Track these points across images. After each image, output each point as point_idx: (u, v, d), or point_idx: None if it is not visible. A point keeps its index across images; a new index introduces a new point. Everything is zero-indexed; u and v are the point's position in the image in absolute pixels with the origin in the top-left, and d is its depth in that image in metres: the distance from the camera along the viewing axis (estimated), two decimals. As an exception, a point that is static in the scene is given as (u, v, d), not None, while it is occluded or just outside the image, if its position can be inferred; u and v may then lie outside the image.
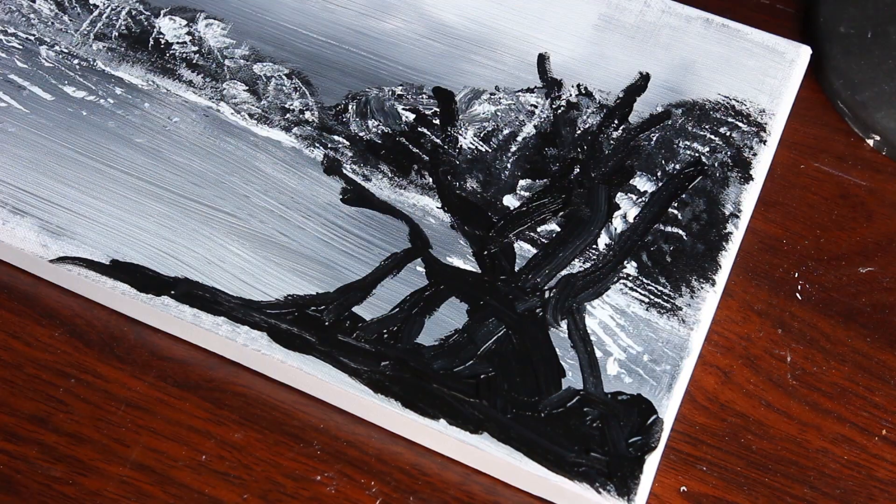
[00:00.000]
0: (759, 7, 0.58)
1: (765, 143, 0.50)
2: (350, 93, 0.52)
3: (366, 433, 0.46)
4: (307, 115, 0.51)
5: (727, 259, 0.47)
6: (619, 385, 0.44)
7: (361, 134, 0.51)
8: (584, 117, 0.51)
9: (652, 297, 0.46)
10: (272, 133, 0.51)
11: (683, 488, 0.45)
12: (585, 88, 0.52)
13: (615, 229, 0.48)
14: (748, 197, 0.49)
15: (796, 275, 0.50)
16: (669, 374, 0.44)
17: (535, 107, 0.51)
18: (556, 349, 0.45)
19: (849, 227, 0.51)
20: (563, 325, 0.46)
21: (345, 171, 0.50)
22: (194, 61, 0.53)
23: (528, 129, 0.51)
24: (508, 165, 0.50)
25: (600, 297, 0.46)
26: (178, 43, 0.53)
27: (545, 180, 0.49)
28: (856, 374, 0.47)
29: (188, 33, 0.54)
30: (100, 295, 0.48)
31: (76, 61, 0.53)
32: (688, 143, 0.50)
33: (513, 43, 0.53)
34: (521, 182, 0.49)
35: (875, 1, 0.56)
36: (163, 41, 0.53)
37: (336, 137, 0.51)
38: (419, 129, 0.51)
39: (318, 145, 0.50)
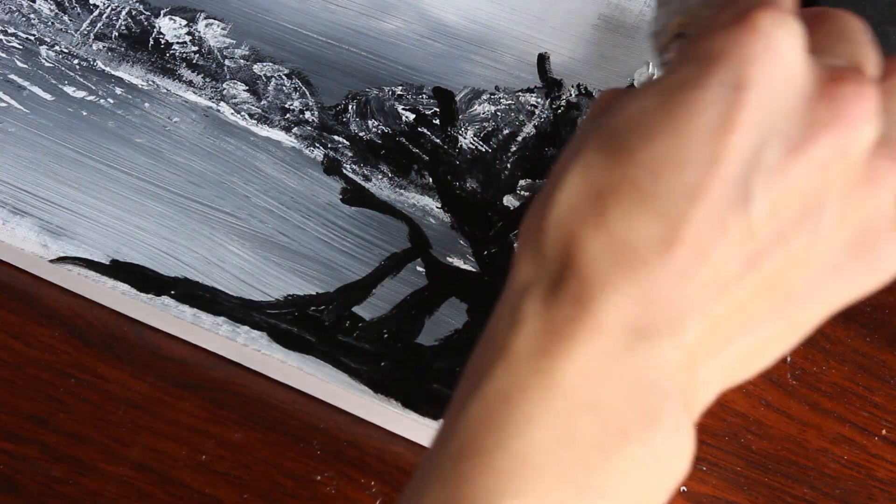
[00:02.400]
0: (759, 7, 0.58)
1: (765, 143, 0.50)
2: (350, 93, 0.52)
3: (366, 433, 0.46)
4: (307, 115, 0.51)
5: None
6: (619, 385, 0.44)
7: (361, 134, 0.51)
8: (584, 117, 0.51)
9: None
10: (272, 133, 0.51)
11: (683, 488, 0.45)
12: (585, 88, 0.52)
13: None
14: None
15: (796, 275, 0.50)
16: (669, 374, 0.44)
17: (535, 107, 0.51)
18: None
19: (849, 227, 0.51)
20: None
21: (345, 171, 0.50)
22: (194, 61, 0.53)
23: (528, 129, 0.51)
24: (508, 165, 0.50)
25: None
26: (178, 43, 0.53)
27: (545, 180, 0.49)
28: (856, 374, 0.47)
29: (188, 33, 0.54)
30: (100, 295, 0.48)
31: (76, 61, 0.53)
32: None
33: (513, 43, 0.53)
34: (521, 182, 0.49)
35: (875, 1, 0.56)
36: (163, 41, 0.53)
37: (336, 137, 0.51)
38: (419, 129, 0.51)
39: (318, 145, 0.50)
